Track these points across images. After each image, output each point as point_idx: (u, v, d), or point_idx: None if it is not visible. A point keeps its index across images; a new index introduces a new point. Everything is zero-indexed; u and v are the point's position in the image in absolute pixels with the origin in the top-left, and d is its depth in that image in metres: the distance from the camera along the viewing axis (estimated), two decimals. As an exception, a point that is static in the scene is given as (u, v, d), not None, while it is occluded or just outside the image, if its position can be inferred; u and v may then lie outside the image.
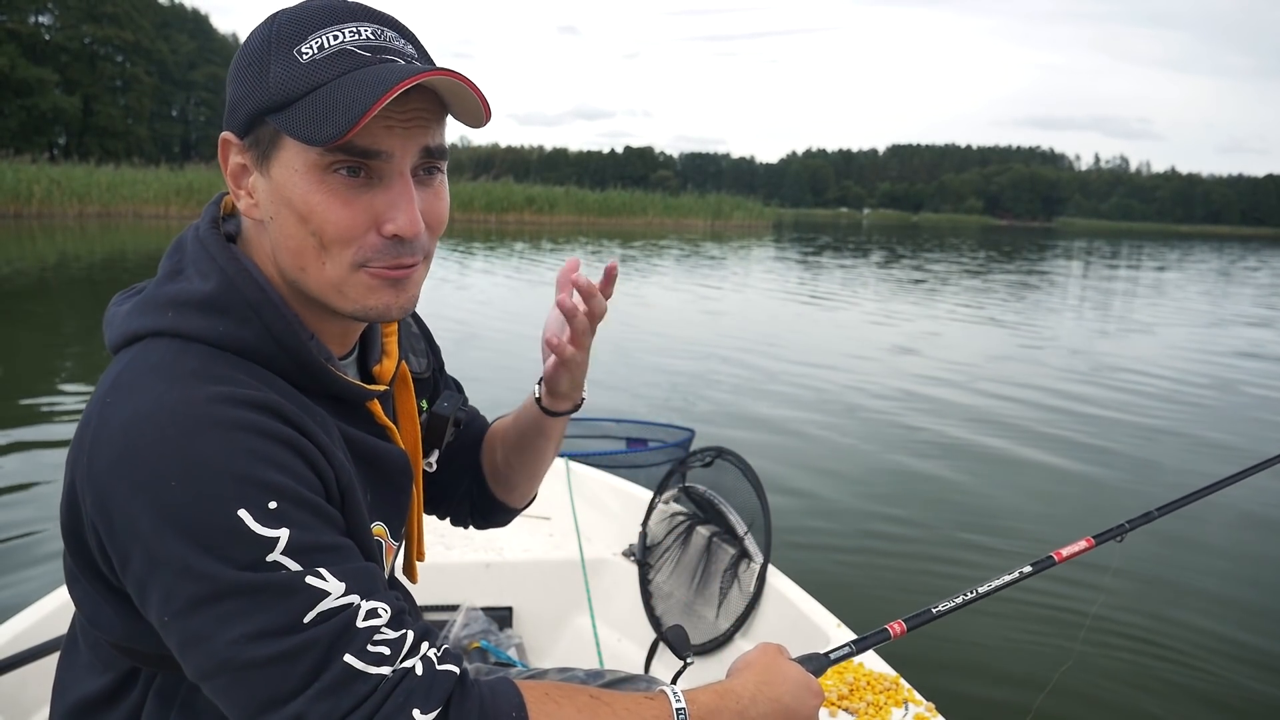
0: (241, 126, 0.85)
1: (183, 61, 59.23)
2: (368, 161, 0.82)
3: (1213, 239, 72.86)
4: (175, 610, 0.76)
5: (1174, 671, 3.01)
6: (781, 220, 63.88)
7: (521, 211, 36.05)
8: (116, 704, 0.92)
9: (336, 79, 0.80)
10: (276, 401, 0.81)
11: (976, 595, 1.20)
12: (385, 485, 0.99)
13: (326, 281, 0.86)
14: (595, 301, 1.08)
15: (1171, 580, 3.73)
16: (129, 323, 0.87)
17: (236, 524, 0.74)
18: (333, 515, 0.83)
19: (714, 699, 0.92)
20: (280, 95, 0.81)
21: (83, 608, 0.91)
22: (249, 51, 0.84)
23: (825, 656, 1.07)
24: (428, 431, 1.18)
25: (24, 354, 7.55)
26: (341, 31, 0.82)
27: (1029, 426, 6.15)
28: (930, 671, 1.90)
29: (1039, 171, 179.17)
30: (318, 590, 0.76)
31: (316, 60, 0.81)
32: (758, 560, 2.08)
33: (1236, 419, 6.73)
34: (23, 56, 46.65)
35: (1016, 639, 3.19)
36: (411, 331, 1.17)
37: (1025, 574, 1.26)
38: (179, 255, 0.91)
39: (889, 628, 1.13)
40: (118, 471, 0.76)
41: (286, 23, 0.83)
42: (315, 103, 0.79)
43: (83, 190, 26.35)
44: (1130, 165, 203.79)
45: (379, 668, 0.76)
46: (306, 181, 0.82)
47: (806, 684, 0.99)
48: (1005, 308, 13.96)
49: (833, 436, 5.73)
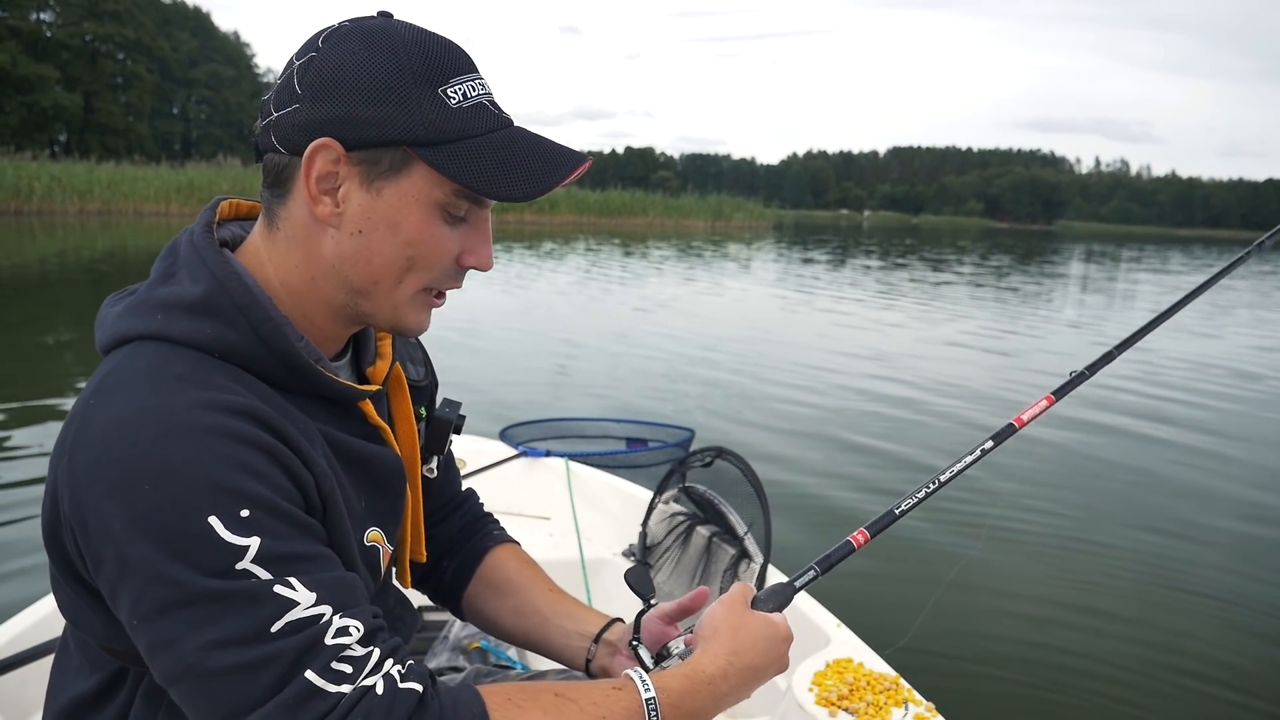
0: (358, 142, 0.85)
1: (184, 59, 59.16)
2: (476, 207, 0.90)
3: (1213, 243, 72.84)
4: (144, 614, 0.76)
5: (1173, 668, 3.01)
6: (782, 222, 63.87)
7: (521, 212, 36.01)
8: (105, 704, 0.93)
9: (485, 135, 0.87)
10: (258, 408, 0.82)
11: (939, 484, 1.13)
12: (379, 489, 0.99)
13: (392, 299, 0.91)
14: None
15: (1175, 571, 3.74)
16: (119, 325, 0.88)
17: (206, 530, 0.75)
18: (310, 524, 0.83)
19: (684, 682, 0.92)
20: (429, 133, 0.85)
21: (65, 609, 0.91)
22: (374, 72, 0.84)
23: (789, 585, 1.03)
24: (429, 437, 1.18)
25: (22, 351, 7.54)
26: (475, 84, 0.88)
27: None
28: (930, 671, 1.90)
29: (1039, 174, 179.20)
30: (286, 599, 0.76)
31: (464, 109, 0.86)
32: (758, 560, 2.08)
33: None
34: (24, 53, 46.56)
35: (1018, 639, 3.19)
36: (408, 340, 1.16)
37: (987, 449, 1.18)
38: (172, 258, 0.91)
39: (851, 539, 1.06)
40: (94, 474, 0.77)
41: (418, 57, 0.85)
42: (471, 153, 0.86)
43: (84, 187, 26.31)
44: (1131, 168, 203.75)
45: (339, 686, 0.76)
46: (422, 212, 0.87)
47: (773, 634, 0.98)
48: (1010, 309, 13.97)
49: (833, 436, 5.73)
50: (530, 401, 6.09)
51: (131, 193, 27.32)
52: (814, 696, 1.56)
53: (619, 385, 6.90)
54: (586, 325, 10.33)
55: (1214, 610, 3.54)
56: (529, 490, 2.84)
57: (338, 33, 0.87)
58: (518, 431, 3.85)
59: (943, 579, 3.61)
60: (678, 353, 8.49)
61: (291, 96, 0.86)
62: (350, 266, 0.89)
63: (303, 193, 0.87)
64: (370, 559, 0.98)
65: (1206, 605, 3.57)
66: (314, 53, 0.86)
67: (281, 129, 0.87)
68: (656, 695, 0.89)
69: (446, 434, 1.19)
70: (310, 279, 0.90)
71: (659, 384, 7.03)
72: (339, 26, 0.88)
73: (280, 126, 0.87)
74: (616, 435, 4.27)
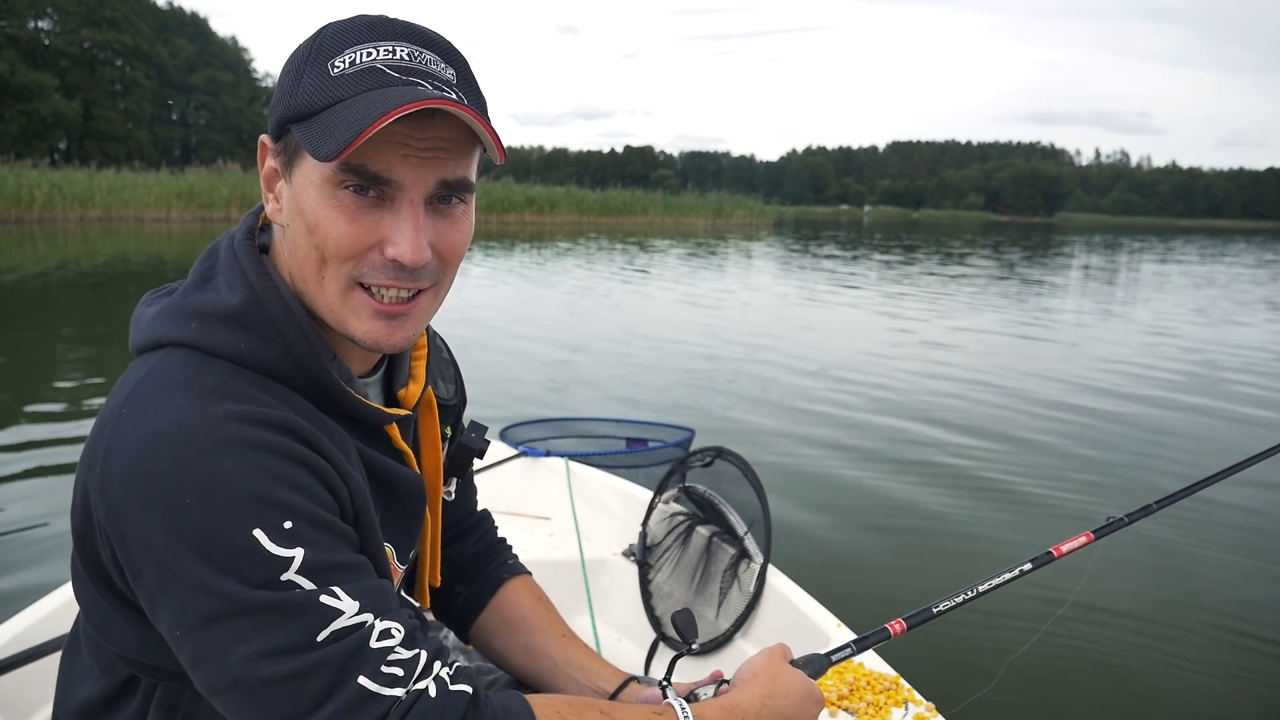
0: (274, 132, 0.86)
1: (182, 65, 59.24)
2: (377, 185, 0.82)
3: (1215, 233, 72.70)
4: (188, 625, 0.76)
5: (1175, 669, 3.00)
6: (782, 218, 63.81)
7: (522, 212, 36.03)
8: (118, 710, 0.93)
9: (353, 96, 0.79)
10: (294, 421, 0.81)
11: (976, 594, 1.19)
12: (397, 508, 0.99)
13: (324, 297, 0.86)
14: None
15: (1176, 570, 3.73)
16: (153, 328, 0.87)
17: (251, 543, 0.75)
18: (347, 533, 0.83)
19: (720, 715, 0.93)
20: (304, 106, 0.81)
21: (91, 616, 0.90)
22: (292, 59, 0.85)
23: (826, 658, 1.07)
24: (452, 461, 1.16)
25: (26, 355, 7.55)
26: (376, 49, 0.81)
27: (1032, 424, 6.14)
28: (930, 671, 1.89)
29: (1039, 167, 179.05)
30: (331, 609, 0.76)
31: (345, 75, 0.80)
32: (758, 560, 2.08)
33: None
34: (23, 61, 46.67)
35: (1018, 638, 3.18)
36: (442, 358, 1.15)
37: (1025, 571, 1.26)
38: (211, 262, 0.90)
39: (889, 627, 1.12)
40: (132, 486, 0.76)
41: (331, 35, 0.83)
42: (329, 118, 0.79)
43: (84, 195, 26.37)
44: (1131, 160, 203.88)
45: (393, 689, 0.76)
46: (319, 194, 0.82)
47: (808, 692, 1.00)
48: (1013, 306, 13.94)
49: (833, 436, 5.72)
50: (530, 401, 6.09)
51: (132, 199, 27.39)
52: (814, 696, 1.56)
53: (619, 385, 6.90)
54: (587, 325, 10.32)
55: (1214, 621, 3.53)
56: (529, 490, 2.83)
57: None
58: (518, 431, 3.84)
59: (945, 576, 3.59)
60: (678, 352, 8.48)
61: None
62: (292, 266, 0.88)
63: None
64: (387, 570, 0.98)
65: (1207, 609, 3.56)
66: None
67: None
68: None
69: (470, 459, 1.19)
70: (293, 284, 0.90)
71: (659, 383, 7.02)
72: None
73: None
74: (616, 435, 4.25)
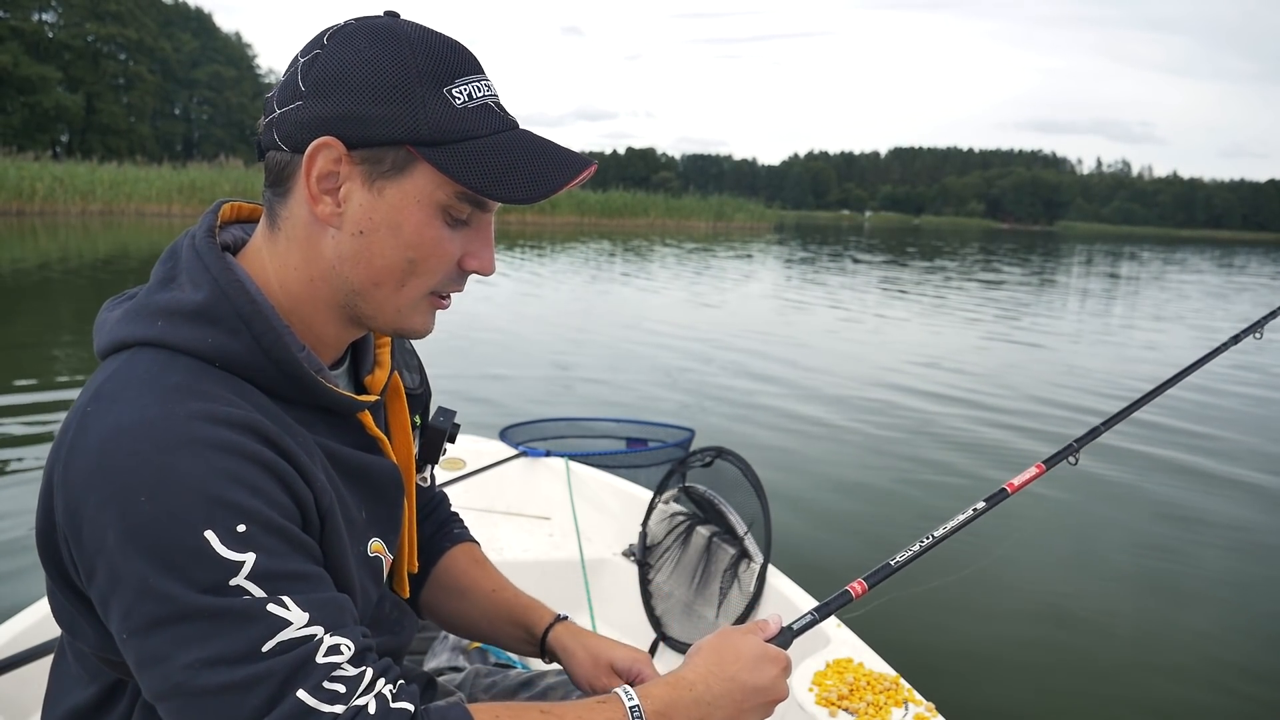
0: (361, 140, 0.83)
1: (185, 60, 59.18)
2: (480, 211, 0.89)
3: (1216, 244, 72.77)
4: (133, 628, 0.75)
5: (1172, 670, 3.01)
6: (783, 222, 63.86)
7: (523, 213, 35.98)
8: (104, 714, 0.92)
9: (488, 135, 0.86)
10: (258, 421, 0.80)
11: (934, 540, 1.17)
12: (378, 500, 0.98)
13: (395, 302, 0.89)
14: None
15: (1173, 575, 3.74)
16: (118, 330, 0.86)
17: (202, 544, 0.73)
18: (305, 543, 0.82)
19: (667, 690, 0.93)
20: (434, 133, 0.83)
21: (60, 618, 0.90)
22: (379, 70, 0.83)
23: (788, 629, 1.05)
24: (423, 446, 1.17)
25: (25, 350, 7.54)
26: (481, 85, 0.87)
27: (1039, 428, 6.14)
28: (930, 671, 1.90)
29: (1041, 175, 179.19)
30: (279, 619, 0.75)
31: (469, 110, 0.85)
32: (758, 560, 2.08)
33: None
34: (26, 54, 46.62)
35: (1019, 638, 3.19)
36: (405, 347, 1.16)
37: (979, 510, 1.23)
38: (172, 262, 0.90)
39: (849, 589, 1.10)
40: (90, 483, 0.76)
41: (424, 56, 0.84)
42: (473, 154, 0.84)
43: (86, 188, 26.31)
44: (1132, 169, 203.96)
45: (332, 706, 0.75)
46: (424, 213, 0.86)
47: (763, 654, 0.99)
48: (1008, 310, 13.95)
49: (834, 436, 5.72)
50: (530, 401, 6.09)
51: (134, 193, 27.33)
52: (814, 696, 1.56)
53: (619, 385, 6.90)
54: (587, 325, 10.32)
55: (1216, 607, 3.53)
56: (529, 490, 2.84)
57: (344, 30, 0.86)
58: (517, 431, 3.84)
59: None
60: (678, 352, 8.48)
61: (295, 94, 0.85)
62: (350, 268, 0.88)
63: (303, 191, 0.85)
64: (373, 570, 0.98)
65: (1209, 604, 3.57)
66: (319, 50, 0.85)
67: (284, 126, 0.85)
68: (640, 703, 0.90)
69: (441, 443, 1.19)
70: (309, 280, 0.89)
71: (659, 383, 7.02)
72: (345, 24, 0.87)
73: (283, 124, 0.86)
74: (616, 435, 4.25)
